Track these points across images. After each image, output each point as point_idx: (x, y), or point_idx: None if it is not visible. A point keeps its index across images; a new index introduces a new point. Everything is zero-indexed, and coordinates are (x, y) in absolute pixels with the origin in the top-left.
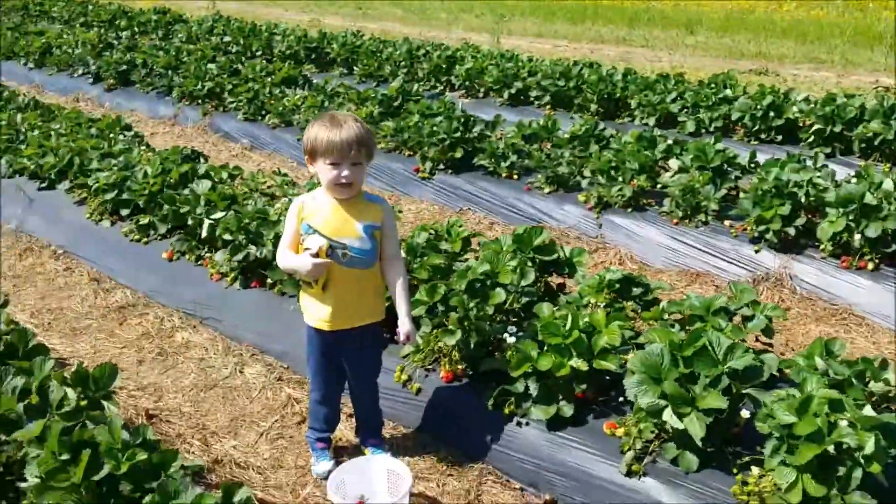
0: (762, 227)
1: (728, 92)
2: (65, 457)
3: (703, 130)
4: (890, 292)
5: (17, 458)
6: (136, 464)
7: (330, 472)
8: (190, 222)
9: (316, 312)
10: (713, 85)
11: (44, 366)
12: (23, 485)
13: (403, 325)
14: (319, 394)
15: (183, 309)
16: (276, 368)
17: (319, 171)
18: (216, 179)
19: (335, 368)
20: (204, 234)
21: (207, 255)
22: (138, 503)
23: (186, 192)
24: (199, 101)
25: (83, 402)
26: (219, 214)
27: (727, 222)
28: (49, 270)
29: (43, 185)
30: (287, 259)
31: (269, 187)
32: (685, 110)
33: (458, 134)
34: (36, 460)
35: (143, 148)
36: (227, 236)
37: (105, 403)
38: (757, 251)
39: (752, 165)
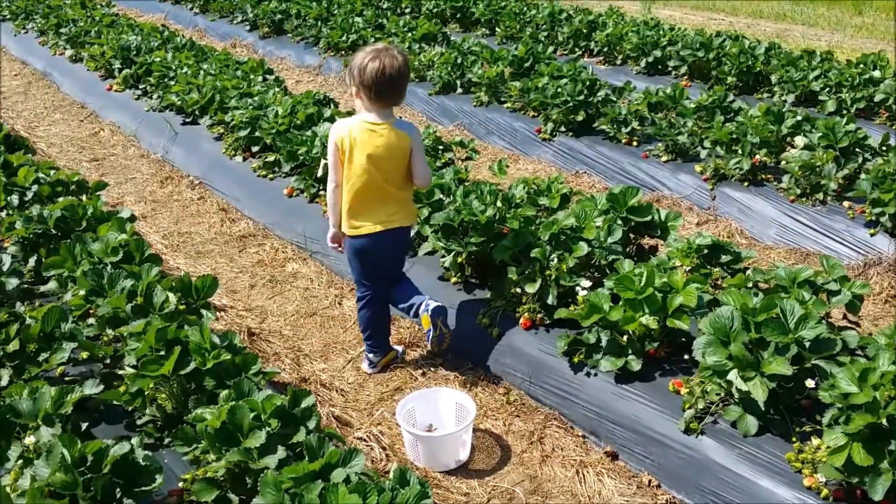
0: (878, 210)
1: (876, 73)
2: (160, 351)
3: (844, 111)
4: None
5: (123, 351)
6: (219, 363)
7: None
8: (309, 161)
9: None
10: (861, 65)
11: (150, 271)
12: (121, 372)
13: None
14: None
15: (296, 242)
16: None
17: None
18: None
19: None
20: (320, 173)
21: (322, 193)
22: (217, 397)
23: (309, 133)
24: (343, 53)
25: (182, 307)
26: None
27: (846, 203)
28: (185, 198)
29: (187, 119)
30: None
31: None
32: (827, 89)
33: (582, 97)
34: (134, 352)
35: (278, 90)
36: None
37: (203, 311)
38: (872, 234)
39: (884, 149)
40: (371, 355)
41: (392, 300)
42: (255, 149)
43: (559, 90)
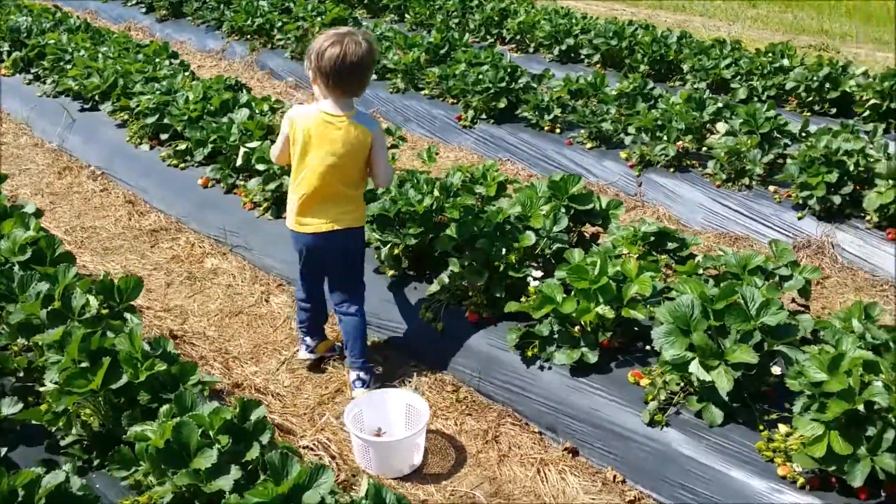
0: (806, 194)
1: (785, 62)
2: (84, 363)
3: (756, 98)
4: None
5: (39, 363)
6: (154, 374)
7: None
8: (226, 150)
9: None
10: (770, 54)
11: (67, 272)
12: (42, 388)
13: None
14: None
15: (214, 236)
16: None
17: None
18: (256, 110)
19: None
20: (238, 162)
21: (241, 183)
22: (154, 413)
23: (225, 120)
24: (248, 37)
25: (104, 311)
26: (254, 144)
27: (771, 188)
28: (86, 190)
29: (86, 105)
30: None
31: None
32: (738, 77)
33: (504, 84)
34: (56, 365)
35: (186, 75)
36: (260, 166)
37: (127, 315)
38: (800, 218)
39: (803, 134)
40: (308, 339)
41: (336, 311)
42: (163, 136)
43: (480, 77)
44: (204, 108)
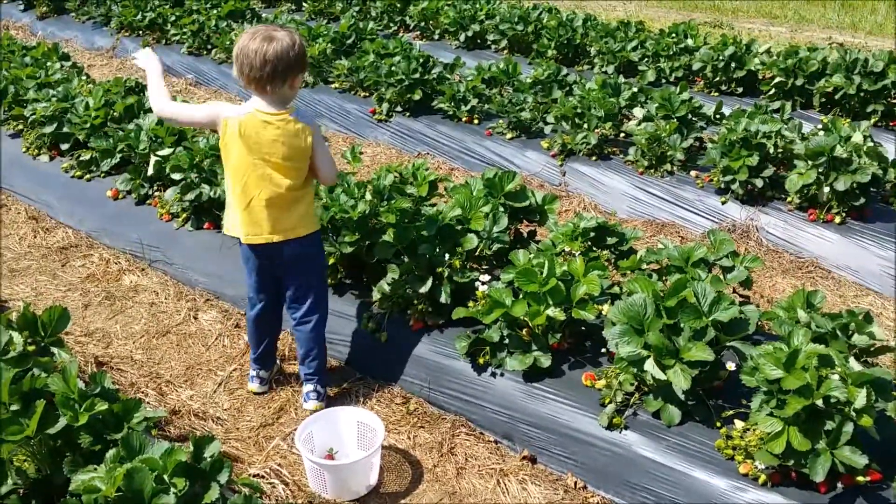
0: (729, 178)
1: (689, 42)
2: (15, 407)
3: (664, 80)
4: (857, 246)
5: None
6: (95, 415)
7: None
8: (135, 159)
9: None
10: (674, 34)
11: None
12: None
13: None
14: None
15: (130, 251)
16: (233, 315)
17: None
18: None
19: None
20: (150, 171)
21: (156, 194)
22: (98, 455)
23: (132, 126)
24: (140, 33)
25: (31, 348)
26: (166, 151)
27: (693, 173)
28: None
29: None
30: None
31: None
32: (646, 59)
33: (417, 75)
34: None
35: (83, 79)
36: (176, 175)
37: (55, 350)
38: (724, 202)
39: (718, 116)
40: (262, 372)
41: (295, 324)
42: (64, 146)
43: (393, 68)
44: (107, 115)
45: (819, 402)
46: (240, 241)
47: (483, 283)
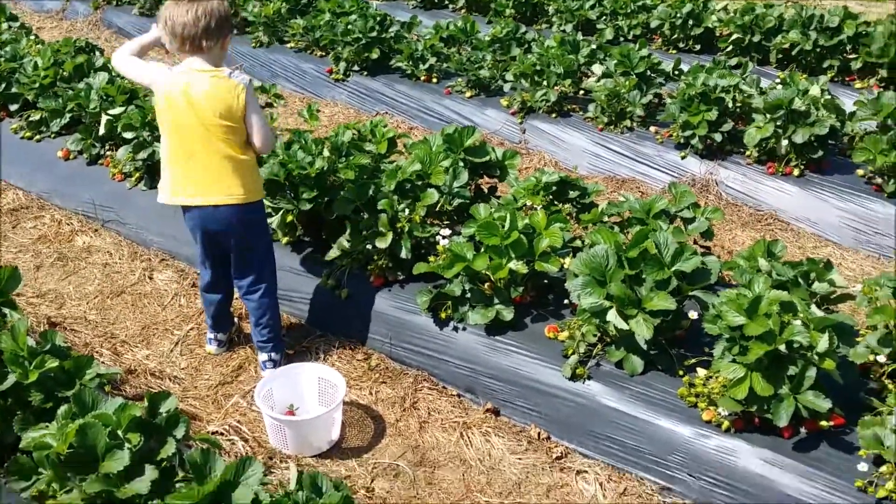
0: (688, 133)
1: (647, 0)
2: None
3: (622, 38)
4: (816, 198)
5: None
6: (46, 372)
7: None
8: (86, 119)
9: None
10: None
11: None
12: None
13: None
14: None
15: (82, 212)
16: (189, 274)
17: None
18: (114, 73)
19: None
20: (102, 130)
21: (108, 153)
22: (50, 413)
23: (82, 85)
24: None
25: None
26: (118, 110)
27: (653, 128)
28: None
29: None
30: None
31: None
32: (604, 17)
33: (374, 34)
34: None
35: (31, 39)
36: (128, 134)
37: (6, 310)
38: (683, 157)
39: (676, 73)
40: (219, 335)
41: (243, 295)
42: (13, 107)
43: (350, 27)
44: (56, 75)
45: (782, 348)
46: (182, 209)
47: (444, 238)
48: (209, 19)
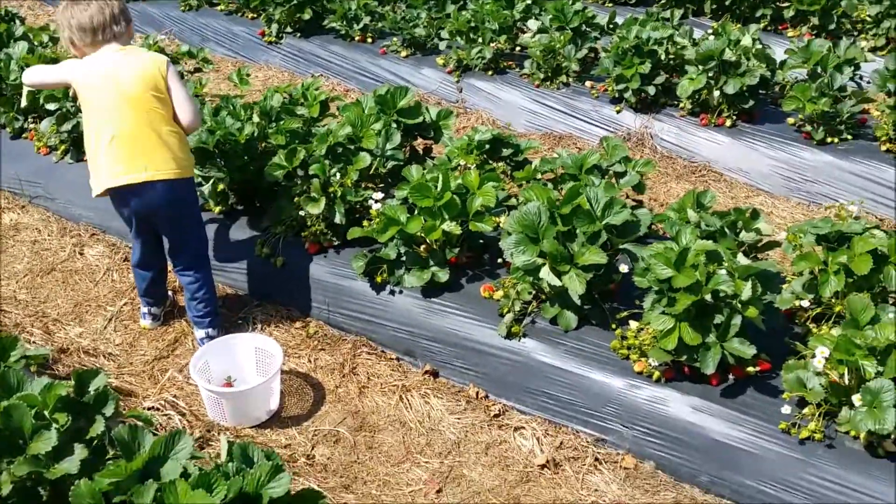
0: (622, 87)
1: None
2: None
3: None
4: (747, 147)
5: None
6: None
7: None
8: (7, 91)
9: None
10: None
11: None
12: None
13: None
14: None
15: (8, 188)
16: (121, 249)
17: None
18: (35, 42)
19: None
20: (24, 102)
21: (31, 126)
22: None
23: (1, 56)
24: None
25: None
26: None
27: (588, 83)
28: None
29: None
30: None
31: None
32: None
33: None
34: None
35: None
36: (51, 105)
37: None
38: (618, 111)
39: (611, 26)
40: (154, 308)
41: (179, 274)
42: None
43: None
44: None
45: (708, 297)
46: (110, 189)
47: (376, 202)
48: (111, 6)
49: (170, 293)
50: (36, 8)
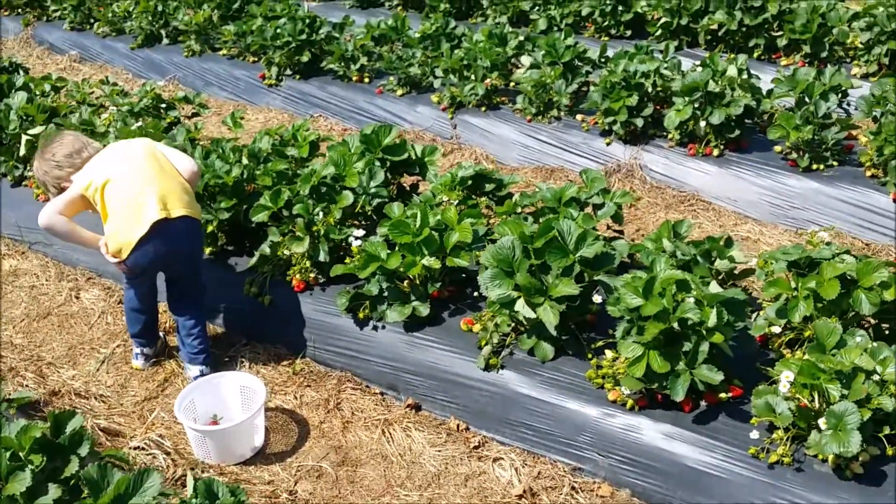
0: (610, 119)
1: None
2: None
3: (555, 27)
4: (735, 176)
5: None
6: None
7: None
8: (6, 140)
9: None
10: None
11: None
12: None
13: None
14: None
15: (9, 235)
16: (116, 292)
17: None
18: (37, 92)
19: None
20: (22, 151)
21: (30, 174)
22: None
23: (1, 106)
24: (20, 11)
25: None
26: (37, 129)
27: (579, 116)
28: None
29: None
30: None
31: (97, 98)
32: (537, 7)
33: (304, 36)
34: None
35: None
36: None
37: None
38: (608, 144)
39: (603, 60)
40: (146, 349)
41: (179, 317)
42: None
43: (279, 31)
44: None
45: (675, 325)
46: (142, 237)
47: (357, 239)
48: (75, 135)
49: (161, 334)
50: (45, 57)
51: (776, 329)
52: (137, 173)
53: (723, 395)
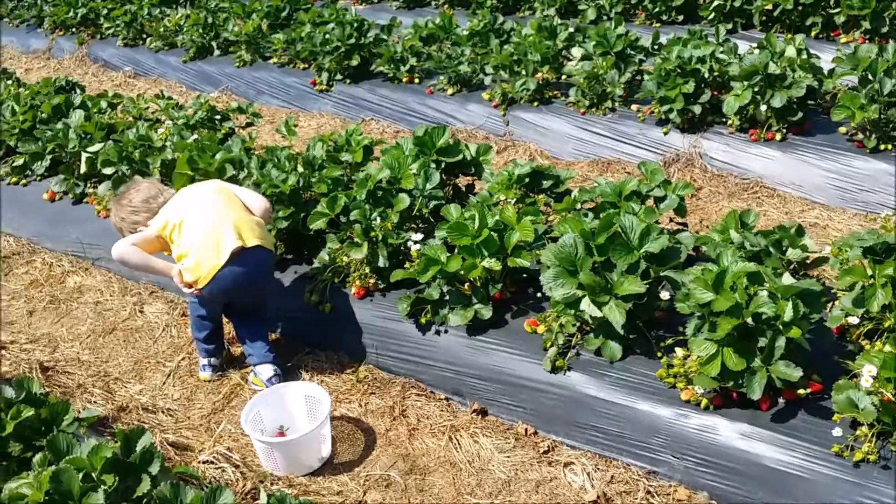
0: (667, 108)
1: None
2: None
3: (605, 17)
4: (799, 160)
5: None
6: (22, 422)
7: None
8: (66, 158)
9: None
10: None
11: None
12: None
13: None
14: None
15: (72, 252)
16: (179, 304)
17: None
18: (94, 110)
19: None
20: (83, 168)
21: (91, 191)
22: (29, 463)
23: (59, 126)
24: (74, 30)
25: None
26: (96, 147)
27: (634, 107)
28: None
29: None
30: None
31: (153, 112)
32: None
33: (353, 40)
34: None
35: (9, 83)
36: (108, 169)
37: None
38: (665, 133)
39: (656, 47)
40: (213, 360)
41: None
42: None
43: (328, 36)
44: (35, 117)
45: (749, 320)
46: (222, 267)
47: (416, 243)
48: (149, 180)
49: (225, 343)
50: (100, 74)
51: (854, 320)
52: (211, 209)
53: (801, 391)
